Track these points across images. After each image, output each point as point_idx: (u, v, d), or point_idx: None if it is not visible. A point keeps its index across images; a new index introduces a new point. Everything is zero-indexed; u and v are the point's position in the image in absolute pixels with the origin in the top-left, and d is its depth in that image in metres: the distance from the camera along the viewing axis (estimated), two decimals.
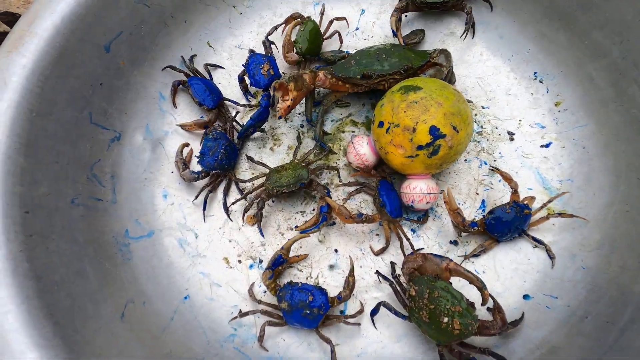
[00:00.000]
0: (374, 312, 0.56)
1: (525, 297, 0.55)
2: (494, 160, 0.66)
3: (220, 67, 0.74)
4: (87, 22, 0.56)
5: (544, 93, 0.66)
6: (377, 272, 0.60)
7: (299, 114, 0.73)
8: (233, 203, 0.65)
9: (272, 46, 0.72)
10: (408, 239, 0.60)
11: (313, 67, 0.71)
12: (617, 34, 0.55)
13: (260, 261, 0.63)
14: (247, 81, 0.71)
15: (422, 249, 0.61)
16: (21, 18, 0.53)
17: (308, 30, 0.70)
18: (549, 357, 0.49)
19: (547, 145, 0.64)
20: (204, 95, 0.68)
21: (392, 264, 0.60)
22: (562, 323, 0.49)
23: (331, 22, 0.75)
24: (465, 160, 0.67)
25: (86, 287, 0.49)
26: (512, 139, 0.66)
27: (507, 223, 0.55)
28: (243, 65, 0.69)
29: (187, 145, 0.68)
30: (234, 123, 0.71)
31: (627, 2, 0.52)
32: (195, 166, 0.67)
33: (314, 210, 0.66)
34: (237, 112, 0.72)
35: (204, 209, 0.64)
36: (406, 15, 0.75)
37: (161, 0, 0.66)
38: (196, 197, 0.65)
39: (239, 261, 0.63)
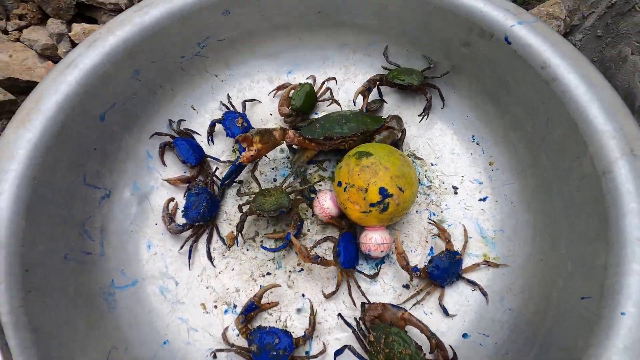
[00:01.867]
0: (338, 353, 0.63)
1: (464, 335, 0.63)
2: (441, 212, 0.76)
3: (198, 133, 0.83)
4: (87, 98, 0.65)
5: (480, 154, 0.78)
6: (340, 315, 0.67)
7: (272, 169, 0.82)
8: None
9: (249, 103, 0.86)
10: (359, 286, 0.68)
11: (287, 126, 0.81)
12: (528, 112, 0.67)
13: (235, 306, 0.69)
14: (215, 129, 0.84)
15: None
16: (28, 97, 0.62)
17: (304, 91, 0.82)
18: None
19: (484, 199, 0.75)
20: (188, 154, 0.77)
21: (363, 305, 0.66)
22: (489, 359, 0.57)
23: (323, 83, 0.87)
24: (417, 211, 0.76)
25: (75, 335, 0.55)
26: (456, 193, 0.77)
27: (444, 269, 0.64)
28: (218, 121, 0.82)
29: (172, 199, 0.76)
30: (214, 177, 0.79)
31: (532, 88, 0.65)
32: (179, 218, 0.74)
33: (283, 256, 0.74)
34: (217, 168, 0.80)
35: (189, 257, 0.71)
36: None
37: (151, 74, 0.76)
38: (181, 247, 0.72)
39: (215, 306, 0.69)
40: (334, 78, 0.88)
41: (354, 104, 0.83)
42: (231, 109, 0.86)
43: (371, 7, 0.80)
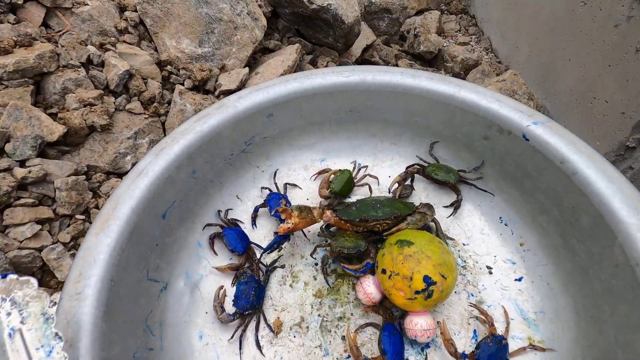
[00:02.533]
0: None
1: None
2: (479, 292, 0.79)
3: (241, 222, 0.90)
4: (153, 200, 0.73)
5: (509, 234, 0.83)
6: None
7: (311, 254, 0.87)
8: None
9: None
10: None
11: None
12: (553, 200, 0.74)
13: None
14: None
15: None
16: (106, 203, 0.70)
17: (343, 177, 0.91)
18: None
19: (520, 280, 0.78)
20: (236, 243, 0.83)
21: None
22: None
23: (364, 175, 0.96)
24: (456, 292, 0.80)
25: None
26: (490, 273, 0.81)
27: (492, 355, 0.66)
28: (265, 201, 0.90)
29: (221, 287, 0.80)
30: (259, 264, 0.84)
31: (554, 179, 0.72)
32: (228, 306, 0.78)
33: (329, 343, 0.76)
34: (262, 254, 0.86)
35: (240, 347, 0.74)
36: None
37: (205, 172, 0.85)
38: (232, 337, 0.74)
39: None
40: (377, 177, 0.96)
41: (389, 192, 0.90)
42: (275, 190, 0.94)
43: (399, 107, 0.91)
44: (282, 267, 0.85)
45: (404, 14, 1.47)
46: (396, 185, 0.90)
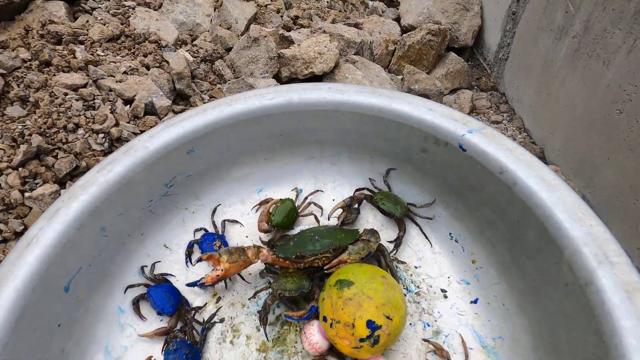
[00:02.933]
0: None
1: None
2: (435, 321, 0.72)
3: (172, 275, 0.80)
4: (51, 272, 0.62)
5: (461, 251, 0.77)
6: None
7: (250, 299, 0.78)
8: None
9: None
10: None
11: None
12: (498, 213, 0.68)
13: None
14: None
15: None
16: None
17: (284, 207, 0.83)
18: None
19: (475, 302, 0.72)
20: (163, 303, 0.73)
21: None
22: None
23: (309, 204, 0.88)
24: (411, 324, 0.73)
25: None
26: (445, 297, 0.74)
27: None
28: (196, 241, 0.82)
29: (149, 359, 0.70)
30: (194, 322, 0.74)
31: (496, 191, 0.66)
32: None
33: None
34: (195, 311, 0.76)
35: None
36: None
37: (118, 226, 0.74)
38: None
39: None
40: (321, 207, 0.89)
41: (328, 219, 0.83)
42: (211, 230, 0.84)
43: (332, 126, 0.83)
44: (221, 321, 0.76)
45: (440, 98, 1.42)
46: (339, 211, 0.83)
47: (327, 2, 1.79)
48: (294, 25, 1.57)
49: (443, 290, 0.75)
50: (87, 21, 1.23)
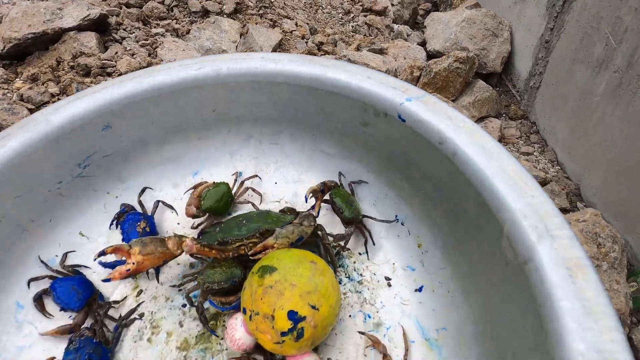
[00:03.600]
0: None
1: None
2: (377, 312, 0.65)
3: (86, 267, 0.71)
4: None
5: (406, 235, 0.70)
6: None
7: (179, 290, 0.69)
8: None
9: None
10: None
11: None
12: (440, 189, 0.61)
13: None
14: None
15: None
16: None
17: (217, 190, 0.74)
18: None
19: (420, 290, 0.65)
20: (68, 299, 0.64)
21: None
22: None
23: (246, 189, 0.80)
24: (350, 315, 0.65)
25: None
26: (389, 285, 0.67)
27: None
28: (118, 222, 0.73)
29: (52, 359, 0.61)
30: (106, 319, 0.65)
31: (437, 164, 0.59)
32: None
33: None
34: (109, 306, 0.67)
35: None
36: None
37: (16, 211, 0.65)
38: None
39: None
40: (257, 175, 0.81)
41: (306, 201, 0.73)
42: (138, 209, 0.75)
43: (268, 100, 0.76)
44: (141, 316, 0.67)
45: None
46: (312, 199, 0.72)
47: (352, 26, 1.76)
48: (319, 51, 1.55)
49: (387, 279, 0.68)
50: (117, 52, 1.22)
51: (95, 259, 0.60)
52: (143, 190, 0.78)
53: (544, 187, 1.17)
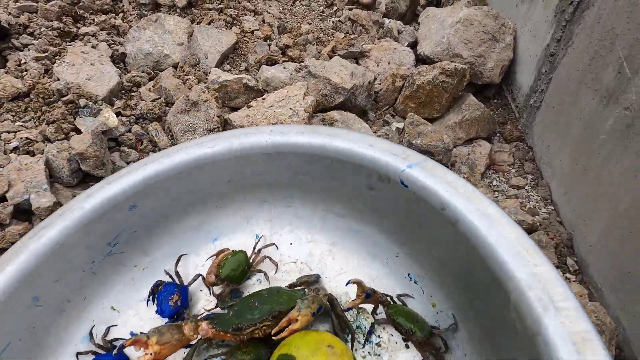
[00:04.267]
0: None
1: None
2: None
3: (123, 339, 0.74)
4: None
5: (420, 294, 0.71)
6: None
7: None
8: None
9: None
10: None
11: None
12: (448, 253, 0.63)
13: None
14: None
15: None
16: None
17: (234, 260, 0.78)
18: None
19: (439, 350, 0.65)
20: None
21: None
22: None
23: (259, 251, 0.82)
24: None
25: None
26: (407, 347, 0.68)
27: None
28: (150, 293, 0.78)
29: None
30: None
31: (442, 229, 0.61)
32: None
33: None
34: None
35: None
36: None
37: (55, 294, 0.71)
38: None
39: None
40: (273, 243, 0.85)
41: (347, 285, 0.67)
42: (174, 279, 0.79)
43: (279, 168, 0.81)
44: None
45: (447, 155, 1.14)
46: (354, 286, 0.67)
47: (333, 22, 1.51)
48: (283, 56, 1.32)
49: (405, 340, 0.68)
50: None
51: (114, 354, 0.64)
52: (179, 259, 0.82)
53: (531, 235, 1.00)
